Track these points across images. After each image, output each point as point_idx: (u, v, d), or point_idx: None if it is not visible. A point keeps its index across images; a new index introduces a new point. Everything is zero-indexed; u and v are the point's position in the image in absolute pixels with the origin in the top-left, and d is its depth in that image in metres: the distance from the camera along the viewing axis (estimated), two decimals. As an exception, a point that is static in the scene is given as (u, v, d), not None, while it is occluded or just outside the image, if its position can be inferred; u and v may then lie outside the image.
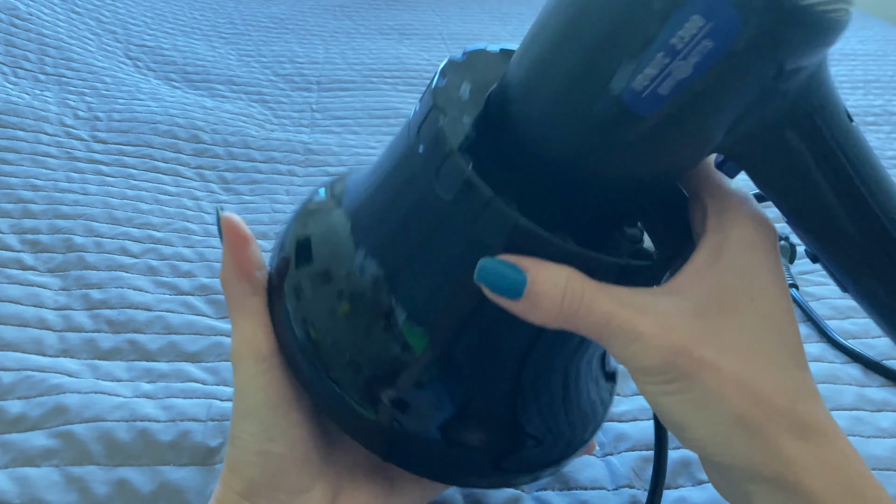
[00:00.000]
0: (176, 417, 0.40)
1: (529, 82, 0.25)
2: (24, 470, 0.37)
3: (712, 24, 0.20)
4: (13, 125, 0.69)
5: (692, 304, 0.24)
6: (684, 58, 0.21)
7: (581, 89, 0.23)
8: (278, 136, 0.76)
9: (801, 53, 0.22)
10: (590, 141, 0.24)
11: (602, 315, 0.24)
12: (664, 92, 0.22)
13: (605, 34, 0.22)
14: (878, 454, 0.40)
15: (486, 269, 0.25)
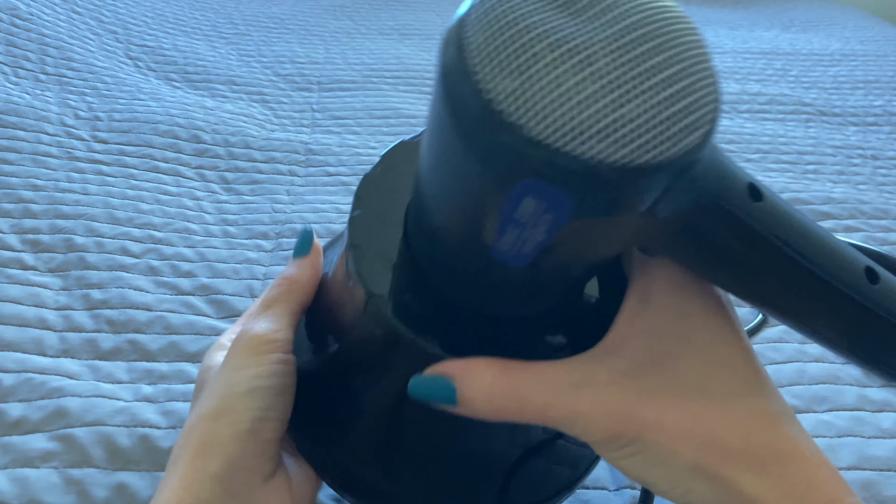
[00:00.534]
0: (177, 424, 0.40)
1: (424, 209, 0.25)
2: (23, 471, 0.37)
3: (545, 203, 0.19)
4: (14, 125, 0.69)
5: (628, 362, 0.24)
6: (534, 227, 0.20)
7: (459, 242, 0.23)
8: (279, 137, 0.76)
9: (654, 196, 0.20)
10: (487, 276, 0.24)
11: (539, 407, 0.24)
12: (527, 251, 0.22)
13: (467, 197, 0.21)
14: (879, 454, 0.40)
15: (417, 385, 0.25)
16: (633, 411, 0.23)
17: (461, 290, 0.26)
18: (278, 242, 0.59)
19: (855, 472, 0.39)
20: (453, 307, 0.26)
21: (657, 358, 0.24)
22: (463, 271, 0.25)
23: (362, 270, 0.26)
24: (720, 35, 1.25)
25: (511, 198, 0.20)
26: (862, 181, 0.76)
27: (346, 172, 0.71)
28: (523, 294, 0.25)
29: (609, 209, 0.19)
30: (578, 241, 0.21)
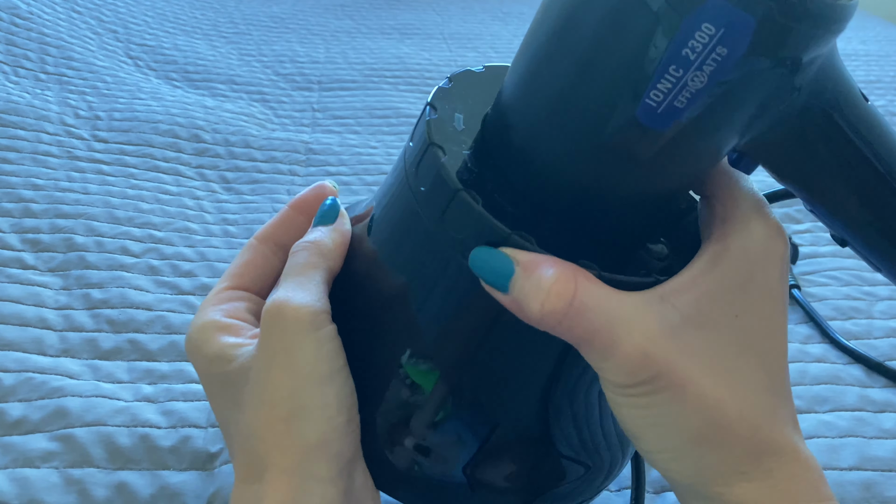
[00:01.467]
0: (177, 423, 0.40)
1: (531, 107, 0.24)
2: (23, 471, 0.37)
3: (724, 30, 0.19)
4: (14, 124, 0.69)
5: (678, 315, 0.23)
6: (699, 68, 0.20)
7: (591, 111, 0.22)
8: (279, 136, 0.76)
9: (814, 45, 0.21)
10: (605, 162, 0.23)
11: (588, 331, 0.23)
12: (680, 105, 0.21)
13: (611, 51, 0.21)
14: (881, 455, 0.40)
15: (479, 256, 0.24)
16: (667, 362, 0.23)
17: (566, 177, 0.24)
18: (279, 242, 0.58)
19: (856, 473, 0.39)
20: (546, 208, 0.25)
21: (704, 321, 0.24)
22: (580, 150, 0.23)
23: (447, 168, 0.24)
24: (721, 35, 1.25)
25: (689, 24, 0.19)
26: (863, 181, 0.76)
27: (347, 172, 0.71)
28: (635, 183, 0.24)
29: (777, 50, 0.20)
30: (721, 108, 0.21)
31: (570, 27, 0.22)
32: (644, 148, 0.22)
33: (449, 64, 1.01)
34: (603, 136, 0.22)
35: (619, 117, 0.22)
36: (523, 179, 0.25)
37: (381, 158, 0.73)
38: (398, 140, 0.78)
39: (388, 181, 0.29)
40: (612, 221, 0.25)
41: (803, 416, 0.43)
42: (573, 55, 0.22)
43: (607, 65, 0.21)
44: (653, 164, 0.23)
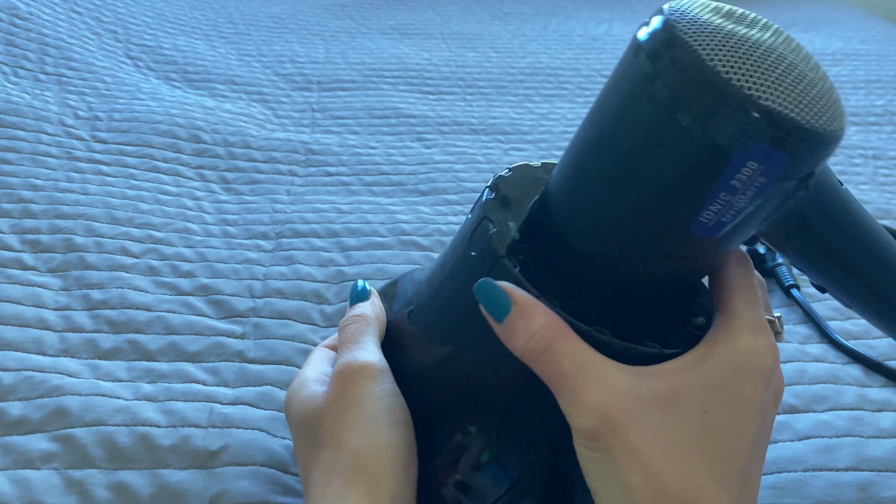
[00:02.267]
0: (177, 423, 0.40)
1: (581, 203, 0.28)
2: (24, 472, 0.37)
3: (764, 166, 0.24)
4: (13, 125, 0.69)
5: (649, 393, 0.26)
6: (743, 193, 0.25)
7: (646, 222, 0.26)
8: (279, 136, 0.76)
9: (823, 160, 0.26)
10: (649, 258, 0.28)
11: (557, 372, 0.26)
12: (727, 220, 0.26)
13: (673, 178, 0.25)
14: (878, 455, 0.40)
15: (482, 288, 0.28)
16: (624, 427, 0.25)
17: (608, 264, 0.28)
18: (278, 242, 0.59)
19: (853, 473, 0.39)
20: (577, 283, 0.29)
21: (673, 406, 0.26)
22: (630, 247, 0.27)
23: (494, 238, 0.29)
24: (721, 34, 1.25)
25: (737, 163, 0.24)
26: (863, 181, 0.76)
27: (346, 172, 0.71)
28: (666, 275, 0.29)
29: (799, 172, 0.25)
30: (754, 217, 0.26)
31: (624, 151, 0.26)
32: (693, 250, 0.27)
33: (448, 64, 1.01)
34: (657, 242, 0.27)
35: (675, 229, 0.26)
36: (562, 260, 0.29)
37: (381, 158, 0.74)
38: (398, 140, 0.78)
39: (428, 276, 0.35)
40: (642, 298, 0.29)
41: (801, 416, 0.43)
42: (628, 174, 0.26)
43: (664, 188, 0.26)
44: (695, 259, 0.28)
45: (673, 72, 0.24)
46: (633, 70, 0.25)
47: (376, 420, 0.30)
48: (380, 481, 0.29)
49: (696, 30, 0.24)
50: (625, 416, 0.25)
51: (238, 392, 0.43)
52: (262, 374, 0.45)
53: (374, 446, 0.30)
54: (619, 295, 0.29)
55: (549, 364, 0.26)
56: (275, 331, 0.48)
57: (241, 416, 0.41)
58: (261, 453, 0.39)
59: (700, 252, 0.27)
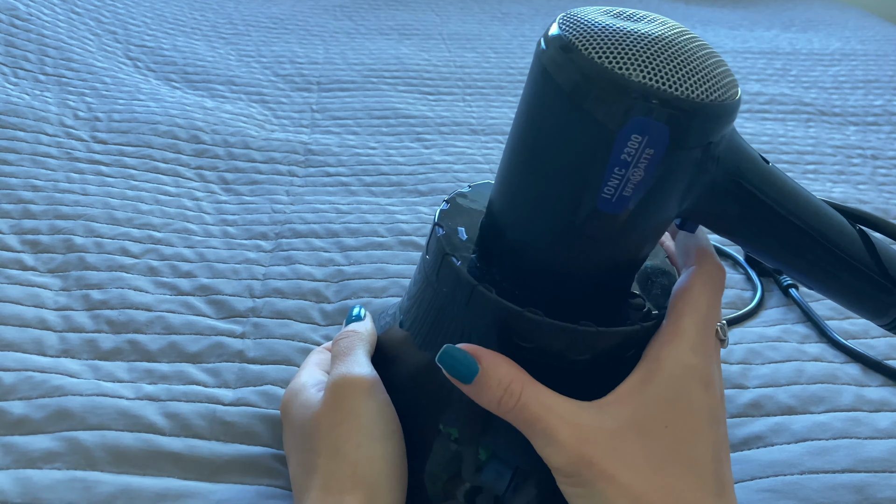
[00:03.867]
0: (180, 431, 0.40)
1: (514, 208, 0.31)
2: (25, 471, 0.37)
3: (647, 137, 0.26)
4: (13, 125, 0.69)
5: (613, 423, 0.28)
6: (636, 166, 0.27)
7: (562, 206, 0.29)
8: (278, 137, 0.76)
9: (715, 132, 0.28)
10: (578, 242, 0.30)
11: (530, 417, 0.28)
12: (628, 193, 0.28)
13: (570, 161, 0.28)
14: (874, 456, 0.40)
15: (446, 355, 0.29)
16: (598, 459, 0.27)
17: (545, 254, 0.31)
18: (278, 243, 0.59)
19: (849, 475, 0.39)
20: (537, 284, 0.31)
21: (639, 430, 0.28)
22: (555, 235, 0.30)
23: (460, 272, 0.31)
24: (720, 35, 1.25)
25: (622, 137, 0.26)
26: (862, 181, 0.76)
27: (346, 173, 0.71)
28: (601, 257, 0.30)
29: (690, 143, 0.27)
30: (659, 190, 0.28)
31: (537, 147, 0.29)
32: (607, 228, 0.29)
33: (448, 64, 1.01)
34: (574, 224, 0.29)
35: (585, 208, 0.28)
36: (518, 264, 0.31)
37: (380, 159, 0.74)
38: (397, 140, 0.79)
39: (412, 292, 0.36)
40: (593, 285, 0.31)
41: (798, 417, 0.43)
42: (542, 167, 0.29)
43: (570, 171, 0.28)
44: (615, 239, 0.30)
45: (559, 65, 0.27)
46: (534, 69, 0.28)
47: (371, 432, 0.32)
48: (377, 492, 0.31)
49: (577, 27, 0.27)
50: (597, 448, 0.27)
51: (239, 393, 0.43)
52: (263, 373, 0.45)
53: (371, 458, 0.31)
54: (550, 278, 0.31)
55: (521, 413, 0.28)
56: (274, 330, 0.48)
57: (243, 425, 0.41)
58: (263, 459, 0.39)
59: (616, 230, 0.29)
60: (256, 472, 0.38)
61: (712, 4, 1.49)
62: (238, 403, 0.42)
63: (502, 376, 0.29)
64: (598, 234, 0.29)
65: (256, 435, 0.40)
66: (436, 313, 0.33)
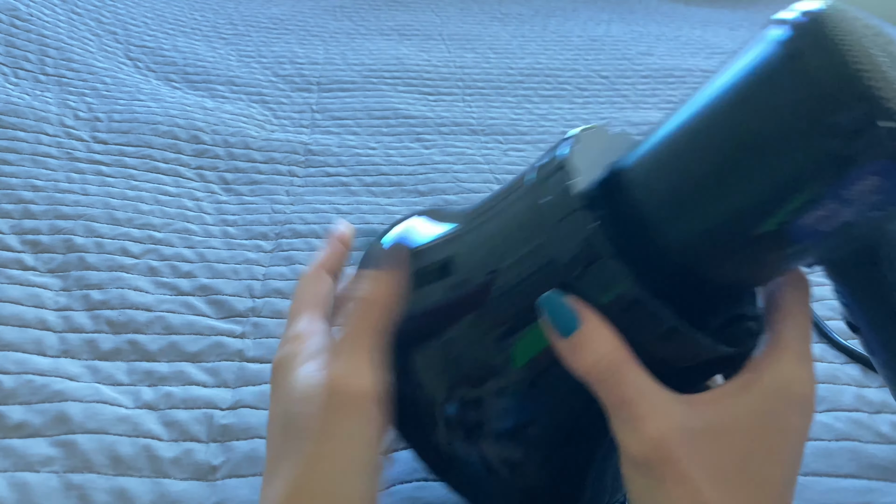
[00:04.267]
0: (178, 437, 0.40)
1: (678, 184, 0.27)
2: (23, 475, 0.37)
3: (884, 183, 0.24)
4: (13, 126, 0.69)
5: (700, 423, 0.27)
6: (850, 205, 0.24)
7: (746, 212, 0.25)
8: (278, 137, 0.76)
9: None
10: (731, 251, 0.27)
11: (621, 396, 0.27)
12: (824, 228, 0.25)
13: (785, 172, 0.24)
14: (877, 462, 0.40)
15: (551, 301, 0.27)
16: (676, 454, 0.26)
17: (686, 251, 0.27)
18: (278, 243, 0.59)
19: (853, 481, 0.39)
20: (648, 260, 0.27)
21: (720, 434, 0.27)
22: (714, 238, 0.26)
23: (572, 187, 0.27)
24: (720, 35, 1.25)
25: (859, 174, 0.23)
26: (861, 181, 0.76)
27: (346, 173, 0.71)
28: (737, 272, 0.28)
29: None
30: (844, 233, 0.25)
31: (760, 147, 0.25)
32: (774, 250, 0.26)
33: (448, 65, 1.01)
34: (747, 232, 0.26)
35: (769, 227, 0.25)
36: (638, 232, 0.28)
37: (380, 159, 0.74)
38: (397, 141, 0.79)
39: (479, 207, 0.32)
40: (706, 290, 0.28)
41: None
42: (753, 167, 0.25)
43: (777, 180, 0.25)
44: (768, 264, 0.27)
45: (820, 74, 0.23)
46: (774, 63, 0.25)
47: (356, 467, 0.28)
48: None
49: (847, 39, 0.24)
50: (678, 447, 0.26)
51: (237, 393, 0.43)
52: (262, 373, 0.45)
53: (347, 498, 0.28)
54: (686, 280, 0.28)
55: (613, 389, 0.27)
56: (274, 330, 0.48)
57: (241, 425, 0.41)
58: (261, 463, 0.39)
59: (779, 256, 0.27)
60: (251, 469, 0.38)
61: (712, 5, 1.49)
62: (236, 406, 0.42)
63: (602, 343, 0.27)
64: (763, 251, 0.26)
65: (252, 432, 0.40)
66: (510, 239, 0.29)
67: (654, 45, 1.17)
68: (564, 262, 0.27)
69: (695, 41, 1.20)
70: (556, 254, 0.28)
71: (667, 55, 1.11)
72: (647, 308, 0.26)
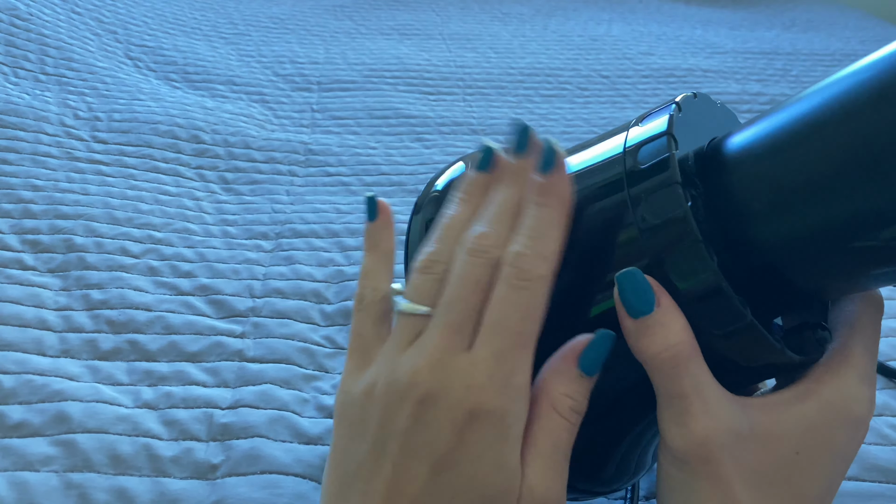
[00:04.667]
0: (178, 436, 0.40)
1: (776, 178, 0.25)
2: (22, 474, 0.37)
3: None
4: (14, 125, 0.69)
5: (748, 427, 0.26)
6: None
7: (860, 217, 0.24)
8: (279, 137, 0.76)
9: None
10: (826, 254, 0.25)
11: (678, 388, 0.25)
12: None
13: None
14: (881, 465, 0.40)
15: (630, 278, 0.25)
16: (717, 461, 0.25)
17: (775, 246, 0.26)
18: (278, 243, 0.59)
19: (857, 483, 0.39)
20: (734, 250, 0.26)
21: (767, 441, 0.26)
22: (810, 240, 0.25)
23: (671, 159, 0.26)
24: (721, 35, 1.25)
25: None
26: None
27: (346, 173, 0.71)
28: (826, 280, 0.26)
29: None
30: None
31: (878, 149, 0.23)
32: (867, 266, 0.25)
33: (448, 64, 1.01)
34: (846, 247, 0.24)
35: (876, 241, 0.24)
36: (730, 219, 0.26)
37: (381, 159, 0.74)
38: (397, 140, 0.78)
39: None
40: (788, 292, 0.27)
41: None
42: (864, 170, 0.23)
43: (894, 196, 0.23)
44: (857, 275, 0.26)
45: None
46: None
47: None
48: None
49: None
50: (722, 449, 0.25)
51: (237, 393, 0.43)
52: (262, 372, 0.45)
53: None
54: (767, 278, 0.26)
55: (672, 380, 0.25)
56: (274, 330, 0.48)
57: (241, 423, 0.41)
58: (261, 461, 0.39)
59: (875, 273, 0.25)
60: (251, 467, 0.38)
61: (713, 5, 1.49)
62: (236, 406, 0.42)
63: (674, 333, 0.25)
64: (861, 265, 0.25)
65: (252, 431, 0.40)
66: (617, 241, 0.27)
67: (655, 44, 1.17)
68: (647, 240, 0.26)
69: (696, 41, 1.20)
70: (642, 227, 0.26)
71: (668, 55, 1.11)
72: (725, 301, 0.25)
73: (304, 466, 0.38)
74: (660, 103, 0.28)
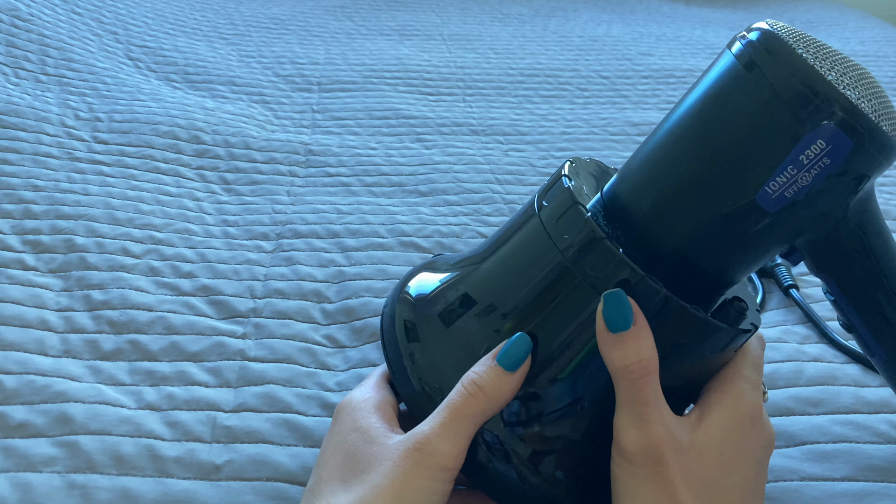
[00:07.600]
0: (181, 437, 0.40)
1: (657, 182, 0.32)
2: (25, 475, 0.37)
3: (831, 146, 0.28)
4: (14, 126, 0.69)
5: (687, 439, 0.31)
6: (808, 170, 0.29)
7: (719, 189, 0.30)
8: (279, 137, 0.76)
9: (879, 169, 0.30)
10: (715, 228, 0.31)
11: (640, 397, 0.30)
12: (788, 195, 0.29)
13: (747, 150, 0.29)
14: (874, 463, 0.40)
15: (615, 297, 0.30)
16: (668, 463, 0.30)
17: (676, 239, 0.32)
18: (279, 243, 0.59)
19: (849, 484, 0.39)
20: (654, 260, 0.32)
21: (701, 452, 0.31)
22: (699, 220, 0.31)
23: (589, 223, 0.31)
24: (720, 35, 1.25)
25: (808, 139, 0.28)
26: (861, 182, 0.76)
27: (347, 173, 0.71)
28: (730, 253, 0.32)
29: (859, 168, 0.29)
30: (811, 201, 0.30)
31: (714, 128, 0.30)
32: (751, 224, 0.31)
33: (448, 65, 1.01)
34: (723, 209, 0.30)
35: (742, 196, 0.30)
36: (642, 237, 0.32)
37: (381, 159, 0.74)
38: (397, 141, 0.79)
39: (497, 241, 0.35)
40: (707, 276, 0.32)
41: (797, 419, 0.43)
42: (713, 147, 0.30)
43: (742, 157, 0.30)
44: (751, 238, 0.31)
45: (771, 59, 0.29)
46: (735, 58, 0.30)
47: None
48: None
49: (791, 34, 0.30)
50: (670, 453, 0.30)
51: (240, 393, 0.43)
52: (264, 372, 0.45)
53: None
54: (686, 273, 0.32)
55: (637, 388, 0.30)
56: (275, 330, 0.48)
57: (245, 427, 0.41)
58: (267, 468, 0.39)
59: (757, 229, 0.31)
60: (256, 473, 0.38)
61: (712, 5, 1.49)
62: (239, 409, 0.42)
63: (647, 348, 0.30)
64: (741, 226, 0.31)
65: (257, 436, 0.40)
66: (537, 264, 0.33)
67: (654, 45, 1.17)
68: (567, 257, 0.32)
69: (695, 42, 1.20)
70: (561, 248, 0.32)
71: (667, 55, 1.11)
72: (639, 281, 0.30)
73: (310, 473, 0.38)
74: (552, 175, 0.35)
